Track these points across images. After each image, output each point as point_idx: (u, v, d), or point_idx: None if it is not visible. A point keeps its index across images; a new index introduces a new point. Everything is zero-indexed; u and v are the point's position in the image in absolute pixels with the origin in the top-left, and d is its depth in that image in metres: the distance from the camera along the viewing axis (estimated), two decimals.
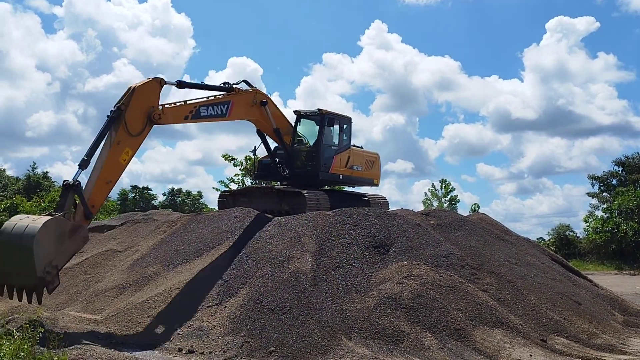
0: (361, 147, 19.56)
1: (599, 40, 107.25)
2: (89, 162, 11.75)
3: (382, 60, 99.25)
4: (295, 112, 18.14)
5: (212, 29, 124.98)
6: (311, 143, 17.78)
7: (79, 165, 11.71)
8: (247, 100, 15.49)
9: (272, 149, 17.68)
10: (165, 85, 12.80)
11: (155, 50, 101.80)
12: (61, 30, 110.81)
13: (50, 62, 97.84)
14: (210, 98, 14.42)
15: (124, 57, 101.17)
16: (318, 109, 17.90)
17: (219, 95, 14.65)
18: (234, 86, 15.09)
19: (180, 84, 13.70)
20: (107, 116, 12.01)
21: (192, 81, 14.38)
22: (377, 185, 19.79)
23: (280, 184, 18.52)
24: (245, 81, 15.73)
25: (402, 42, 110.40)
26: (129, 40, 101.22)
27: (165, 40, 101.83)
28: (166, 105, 12.99)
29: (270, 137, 17.03)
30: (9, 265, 10.41)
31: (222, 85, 14.89)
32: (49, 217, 10.71)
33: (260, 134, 16.94)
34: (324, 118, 17.69)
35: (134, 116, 12.16)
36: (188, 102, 13.72)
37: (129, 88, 12.28)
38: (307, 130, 18.09)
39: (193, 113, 13.70)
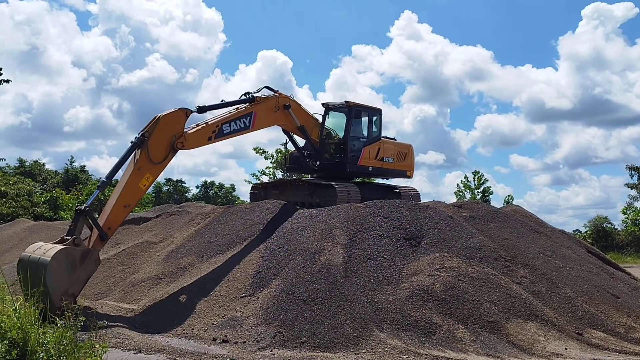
0: (394, 139, 19.47)
1: (638, 26, 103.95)
2: (107, 185, 12.23)
3: (412, 51, 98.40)
4: (323, 104, 18.18)
5: (242, 23, 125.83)
6: (340, 135, 17.79)
7: (97, 186, 12.27)
8: (270, 107, 15.50)
9: (303, 144, 17.77)
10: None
11: (186, 45, 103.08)
12: (95, 27, 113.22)
13: (86, 59, 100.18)
14: (232, 112, 14.44)
15: (157, 52, 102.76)
16: (345, 101, 17.90)
17: (241, 107, 14.66)
18: (255, 95, 15.12)
19: (201, 110, 13.78)
20: (131, 142, 12.25)
21: (215, 103, 14.32)
22: (410, 177, 19.67)
23: (311, 177, 18.61)
24: (267, 87, 15.79)
25: (433, 33, 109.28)
26: (160, 35, 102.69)
27: (197, 35, 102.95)
28: (188, 132, 13.11)
29: (296, 135, 17.10)
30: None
31: (243, 97, 14.92)
32: (59, 248, 10.87)
33: (286, 132, 17.02)
34: (351, 110, 17.68)
35: (158, 144, 12.38)
36: (210, 122, 13.79)
37: (155, 117, 12.47)
38: (336, 123, 18.12)
39: (216, 132, 13.82)
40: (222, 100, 14.74)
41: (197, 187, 74.51)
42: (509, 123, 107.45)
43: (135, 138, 12.27)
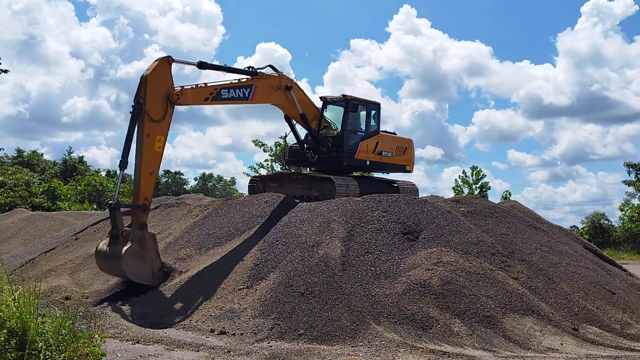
0: (394, 133, 19.46)
1: (637, 23, 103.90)
2: (127, 162, 12.31)
3: (411, 45, 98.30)
4: (321, 98, 18.14)
5: (241, 15, 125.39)
6: (338, 129, 17.79)
7: (119, 166, 12.39)
8: (272, 85, 15.45)
9: (304, 136, 17.77)
10: (189, 68, 13.10)
11: (185, 37, 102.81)
12: (94, 18, 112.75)
13: (84, 49, 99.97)
14: (233, 82, 14.43)
15: (155, 44, 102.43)
16: (343, 95, 17.88)
17: (243, 79, 14.66)
18: (259, 71, 15.09)
19: (202, 65, 13.76)
20: (130, 112, 12.24)
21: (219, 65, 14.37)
22: (410, 171, 19.67)
23: (310, 170, 18.64)
24: (270, 66, 15.70)
25: (432, 27, 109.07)
26: (159, 26, 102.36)
27: (195, 27, 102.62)
28: (186, 87, 13.06)
29: (298, 123, 17.08)
30: None
31: (246, 69, 14.87)
32: (124, 252, 11.76)
33: (288, 120, 16.99)
34: (348, 104, 17.65)
35: (154, 104, 12.30)
36: (209, 84, 13.74)
37: (141, 77, 12.35)
38: (334, 117, 18.08)
39: (214, 95, 13.69)
40: (225, 64, 14.72)
41: (195, 179, 74.65)
42: (507, 119, 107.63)
43: (132, 107, 12.21)
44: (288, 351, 8.98)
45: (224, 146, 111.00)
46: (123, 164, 12.30)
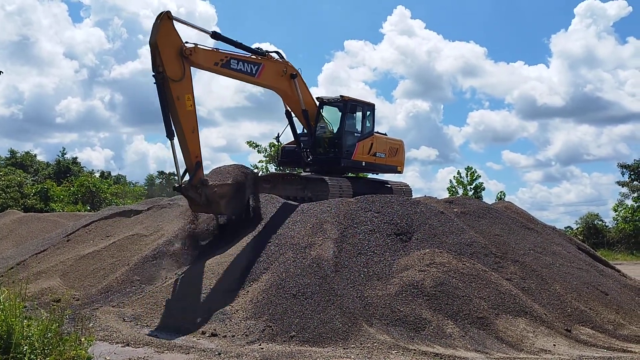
0: (385, 134, 19.44)
1: (630, 25, 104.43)
2: (173, 130, 12.50)
3: (405, 46, 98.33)
4: (317, 98, 18.06)
5: (236, 16, 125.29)
6: (334, 130, 17.72)
7: (167, 137, 12.56)
8: (278, 69, 15.47)
9: (298, 134, 17.68)
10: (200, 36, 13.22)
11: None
12: (87, 18, 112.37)
13: (78, 50, 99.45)
14: (244, 55, 14.45)
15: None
16: (340, 96, 17.83)
17: (252, 56, 14.69)
18: (268, 53, 15.16)
19: (215, 35, 13.82)
20: (155, 83, 12.27)
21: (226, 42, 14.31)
22: (400, 172, 19.68)
23: (304, 171, 18.55)
24: (277, 52, 15.72)
25: (426, 28, 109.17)
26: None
27: (190, 27, 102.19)
28: (199, 46, 13.05)
29: (298, 118, 16.98)
30: None
31: (255, 48, 14.88)
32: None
33: (289, 116, 16.89)
34: (346, 105, 17.62)
35: (171, 65, 12.28)
36: (221, 51, 13.83)
37: (150, 45, 12.19)
38: (330, 117, 18.03)
39: (224, 62, 13.74)
40: (236, 40, 14.70)
41: None
42: (501, 119, 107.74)
43: (155, 78, 12.26)
44: (279, 353, 8.92)
45: (218, 147, 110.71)
46: (170, 132, 12.46)
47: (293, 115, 16.81)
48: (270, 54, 15.22)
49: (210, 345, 9.32)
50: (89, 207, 40.77)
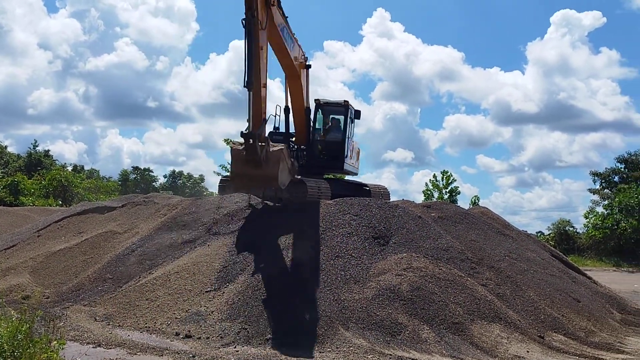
0: None
1: (603, 35, 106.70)
2: (253, 81, 11.89)
3: (384, 49, 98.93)
4: (315, 100, 18.02)
5: (215, 12, 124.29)
6: (321, 132, 17.91)
7: (246, 87, 11.88)
8: (302, 52, 15.68)
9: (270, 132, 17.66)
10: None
11: (157, 31, 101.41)
12: (63, 9, 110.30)
13: (52, 40, 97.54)
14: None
15: (126, 37, 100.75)
16: (345, 101, 18.10)
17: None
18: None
19: None
20: (244, 27, 11.78)
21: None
22: (357, 174, 20.24)
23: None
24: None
25: (405, 32, 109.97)
26: (130, 20, 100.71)
27: (168, 21, 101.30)
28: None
29: (296, 117, 16.94)
30: None
31: None
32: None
33: (287, 112, 16.91)
34: (348, 110, 17.85)
35: (262, 12, 12.06)
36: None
37: None
38: (320, 120, 18.18)
39: (282, 27, 13.78)
40: None
41: (164, 176, 73.54)
42: (476, 124, 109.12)
43: (244, 22, 11.76)
44: (255, 356, 8.83)
45: (195, 144, 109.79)
46: (251, 84, 11.86)
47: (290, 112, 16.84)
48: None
49: (184, 347, 9.18)
50: (60, 202, 39.95)
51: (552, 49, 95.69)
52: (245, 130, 11.97)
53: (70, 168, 55.41)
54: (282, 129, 17.88)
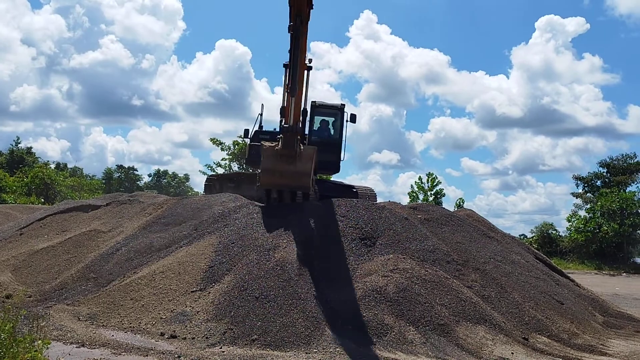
0: None
1: (587, 41, 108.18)
2: (296, 89, 12.05)
3: (370, 51, 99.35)
4: (312, 102, 18.06)
5: (202, 11, 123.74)
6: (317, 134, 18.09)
7: (291, 94, 12.00)
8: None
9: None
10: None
11: (143, 29, 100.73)
12: (47, 5, 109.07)
13: (36, 37, 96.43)
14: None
15: (112, 34, 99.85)
16: (342, 104, 18.29)
17: None
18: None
19: None
20: (292, 33, 11.59)
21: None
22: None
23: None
24: None
25: (392, 34, 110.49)
26: (116, 17, 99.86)
27: (154, 19, 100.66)
28: None
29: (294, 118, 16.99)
30: None
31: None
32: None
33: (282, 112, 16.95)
34: (344, 112, 18.06)
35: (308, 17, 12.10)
36: None
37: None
38: (316, 121, 18.34)
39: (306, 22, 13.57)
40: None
41: (149, 175, 73.03)
42: (461, 127, 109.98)
43: (292, 27, 11.56)
44: (240, 357, 8.78)
45: (180, 143, 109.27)
46: (294, 91, 11.98)
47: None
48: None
49: (169, 348, 9.10)
50: (43, 200, 39.46)
51: (536, 54, 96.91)
52: (285, 125, 12.67)
53: (53, 166, 54.82)
54: (269, 128, 17.88)
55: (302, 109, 16.60)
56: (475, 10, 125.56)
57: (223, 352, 9.04)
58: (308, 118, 17.61)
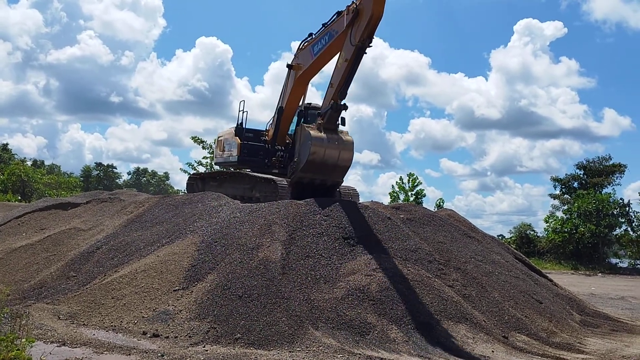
0: None
1: (564, 45, 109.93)
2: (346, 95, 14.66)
3: None
4: (306, 105, 17.97)
5: (182, 9, 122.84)
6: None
7: (341, 99, 14.75)
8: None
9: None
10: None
11: (122, 25, 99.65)
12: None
13: (12, 31, 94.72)
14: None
15: (90, 30, 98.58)
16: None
17: None
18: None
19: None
20: (362, 51, 14.26)
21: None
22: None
23: (255, 171, 18.27)
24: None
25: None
26: (94, 12, 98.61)
27: (134, 15, 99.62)
28: None
29: (287, 118, 16.96)
30: None
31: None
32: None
33: (280, 112, 17.02)
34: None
35: None
36: None
37: (372, 17, 13.93)
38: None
39: None
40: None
41: (128, 173, 72.34)
42: (441, 128, 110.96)
43: (362, 48, 14.24)
44: (224, 356, 8.76)
45: (159, 141, 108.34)
46: (344, 96, 14.57)
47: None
48: None
49: (152, 347, 9.04)
50: (19, 197, 38.82)
51: (514, 57, 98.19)
52: (330, 103, 14.61)
53: (29, 163, 53.95)
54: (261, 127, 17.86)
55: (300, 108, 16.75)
56: (456, 13, 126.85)
57: (206, 351, 9.01)
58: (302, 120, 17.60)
